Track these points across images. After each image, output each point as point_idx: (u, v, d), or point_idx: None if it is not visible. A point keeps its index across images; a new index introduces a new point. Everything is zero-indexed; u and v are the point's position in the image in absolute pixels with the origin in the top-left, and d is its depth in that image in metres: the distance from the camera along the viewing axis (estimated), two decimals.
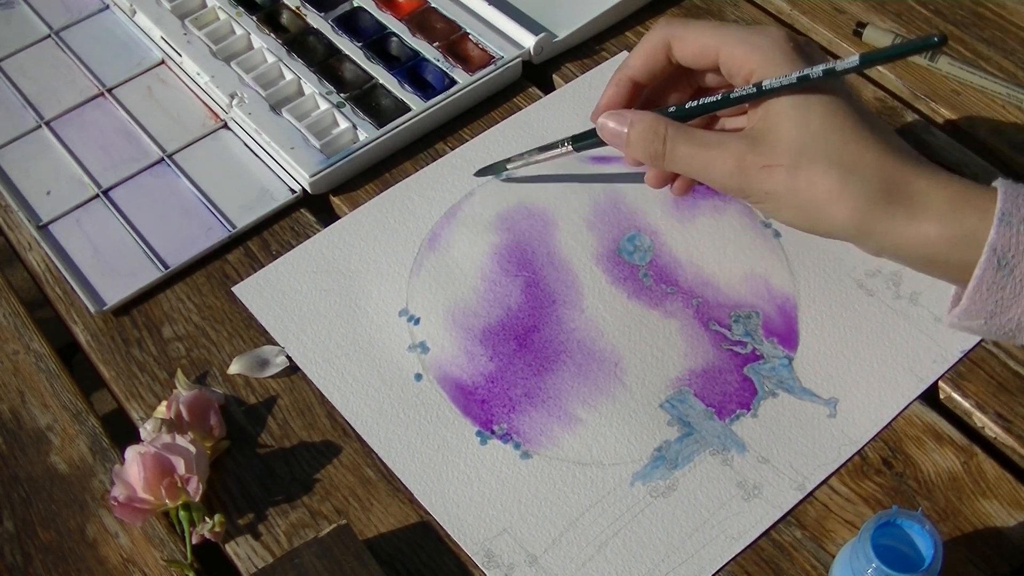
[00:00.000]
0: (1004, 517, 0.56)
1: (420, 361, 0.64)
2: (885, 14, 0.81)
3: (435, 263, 0.68)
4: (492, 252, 0.68)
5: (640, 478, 0.59)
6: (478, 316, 0.65)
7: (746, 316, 0.65)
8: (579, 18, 0.79)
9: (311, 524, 0.58)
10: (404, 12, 0.81)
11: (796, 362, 0.63)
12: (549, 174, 0.72)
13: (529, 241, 0.69)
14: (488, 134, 0.75)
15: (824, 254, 0.67)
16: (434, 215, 0.71)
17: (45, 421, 0.63)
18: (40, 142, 0.77)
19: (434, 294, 0.67)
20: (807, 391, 0.61)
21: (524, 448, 0.60)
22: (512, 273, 0.67)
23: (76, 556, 0.58)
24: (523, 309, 0.66)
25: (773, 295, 0.66)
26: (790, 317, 0.64)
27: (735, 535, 0.57)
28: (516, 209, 0.70)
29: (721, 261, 0.67)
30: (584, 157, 0.73)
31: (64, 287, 0.69)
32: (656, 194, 0.70)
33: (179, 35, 0.80)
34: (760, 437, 0.60)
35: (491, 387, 0.63)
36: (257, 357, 0.64)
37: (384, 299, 0.67)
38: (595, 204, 0.70)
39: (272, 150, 0.74)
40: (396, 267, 0.68)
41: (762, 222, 0.69)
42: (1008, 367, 0.62)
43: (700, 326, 0.64)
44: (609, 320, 0.65)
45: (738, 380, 0.62)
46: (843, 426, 0.60)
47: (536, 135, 0.74)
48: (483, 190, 0.71)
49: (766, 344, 0.63)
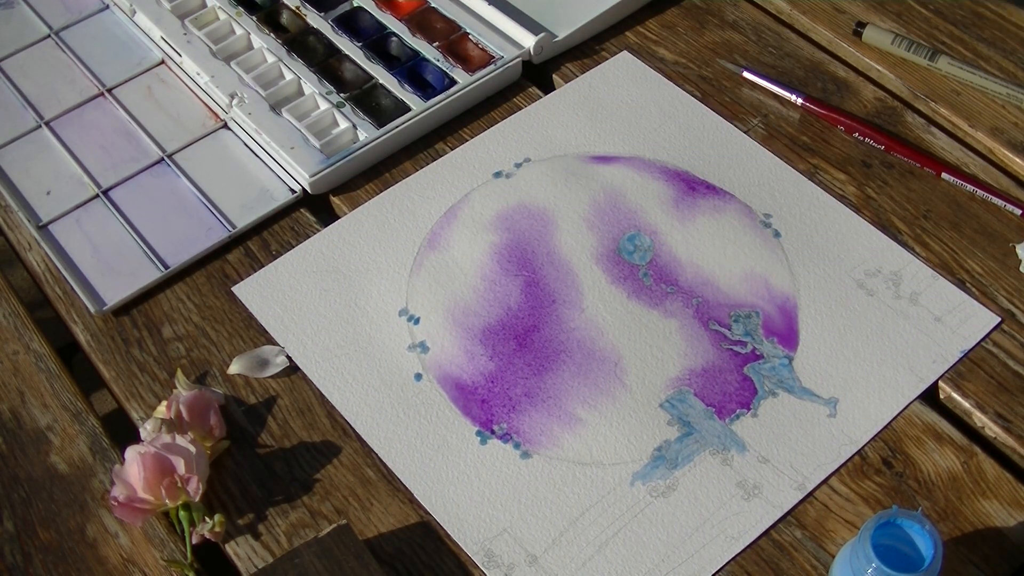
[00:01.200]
0: (1004, 517, 0.56)
1: (420, 361, 0.64)
2: (885, 14, 0.81)
3: (435, 263, 0.68)
4: (492, 252, 0.68)
5: (640, 478, 0.59)
6: (478, 316, 0.65)
7: (746, 316, 0.65)
8: (579, 18, 0.79)
9: (311, 524, 0.58)
10: (404, 12, 0.81)
11: (796, 362, 0.63)
12: (549, 174, 0.72)
13: (529, 241, 0.69)
14: (487, 134, 0.75)
15: (824, 254, 0.67)
16: (434, 215, 0.71)
17: (45, 421, 0.63)
18: (40, 142, 0.77)
19: (434, 294, 0.67)
20: (807, 391, 0.61)
21: (524, 448, 0.60)
22: (512, 273, 0.67)
23: (76, 556, 0.58)
24: (523, 309, 0.66)
25: (773, 295, 0.66)
26: (790, 317, 0.64)
27: (735, 535, 0.56)
28: (516, 209, 0.70)
29: (721, 261, 0.67)
30: (585, 156, 0.73)
31: (64, 287, 0.69)
32: (656, 194, 0.70)
33: (179, 35, 0.80)
34: (760, 437, 0.60)
35: (491, 387, 0.63)
36: (257, 357, 0.64)
37: (384, 299, 0.67)
38: (595, 204, 0.70)
39: (272, 150, 0.74)
40: (396, 267, 0.68)
41: (762, 222, 0.69)
42: (1008, 367, 0.62)
43: (700, 326, 0.64)
44: (609, 320, 0.65)
45: (738, 380, 0.62)
46: (843, 426, 0.60)
47: (536, 135, 0.74)
48: (482, 190, 0.71)
49: (766, 344, 0.63)
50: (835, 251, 0.67)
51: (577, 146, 0.73)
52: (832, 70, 0.78)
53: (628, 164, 0.72)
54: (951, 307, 0.64)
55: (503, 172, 0.72)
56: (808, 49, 0.79)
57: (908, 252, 0.67)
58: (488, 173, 0.72)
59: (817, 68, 0.78)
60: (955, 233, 0.68)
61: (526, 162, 0.73)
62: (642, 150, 0.73)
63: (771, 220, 0.69)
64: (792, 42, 0.80)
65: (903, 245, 0.67)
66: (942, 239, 0.68)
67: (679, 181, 0.71)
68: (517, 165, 0.73)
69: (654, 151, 0.73)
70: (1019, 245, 0.67)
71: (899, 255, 0.67)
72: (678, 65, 0.78)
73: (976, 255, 0.67)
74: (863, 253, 0.67)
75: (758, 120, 0.75)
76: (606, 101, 0.76)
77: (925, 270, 0.66)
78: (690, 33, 0.80)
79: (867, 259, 0.66)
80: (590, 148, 0.73)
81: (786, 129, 0.74)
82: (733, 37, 0.80)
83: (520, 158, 0.73)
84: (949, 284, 0.65)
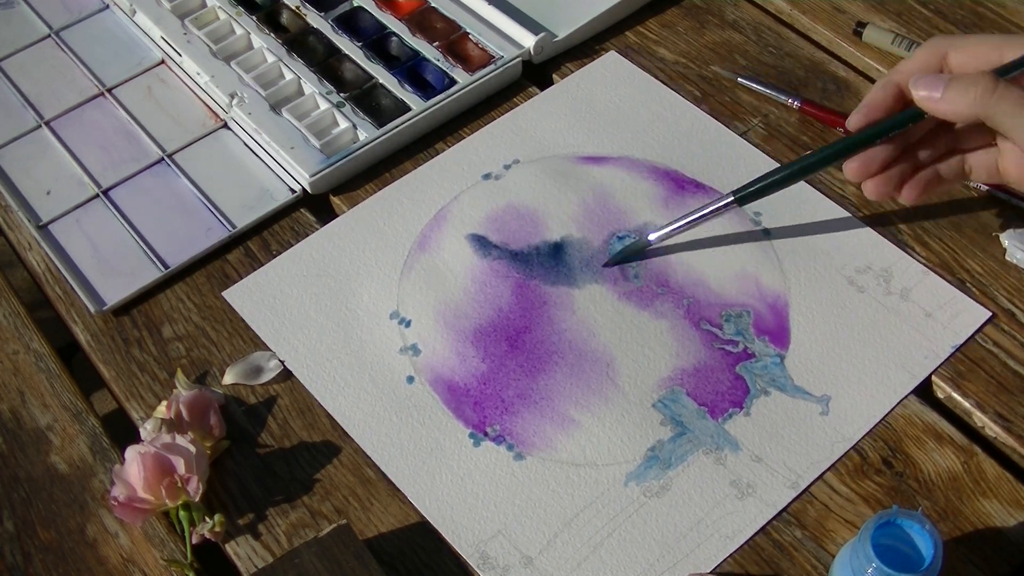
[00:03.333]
0: (1004, 517, 0.56)
1: (412, 363, 0.64)
2: (885, 14, 0.81)
3: (425, 265, 0.68)
4: (482, 253, 0.68)
5: (634, 478, 0.59)
6: (469, 317, 0.65)
7: (737, 315, 0.65)
8: (579, 18, 0.79)
9: (311, 524, 0.58)
10: (404, 12, 0.81)
11: (788, 360, 0.63)
12: (538, 175, 0.72)
13: (518, 242, 0.69)
14: (476, 136, 0.74)
15: (814, 251, 0.67)
16: (423, 217, 0.70)
17: (45, 421, 0.63)
18: (40, 142, 0.77)
19: (425, 296, 0.66)
20: (799, 389, 0.61)
21: (518, 450, 0.60)
22: (502, 274, 0.67)
23: (76, 556, 0.58)
24: (514, 310, 0.66)
25: (764, 293, 0.66)
26: (781, 315, 0.65)
27: (729, 534, 0.57)
28: (505, 210, 0.70)
29: (712, 260, 0.67)
30: (574, 157, 0.73)
31: (64, 287, 0.69)
32: (645, 194, 0.70)
33: (179, 35, 0.80)
34: (753, 436, 0.60)
35: (483, 388, 0.63)
36: (250, 364, 0.64)
37: (375, 302, 0.67)
38: (584, 204, 0.70)
39: (272, 150, 0.74)
40: (386, 270, 0.68)
41: (752, 220, 0.69)
42: (1008, 367, 0.62)
43: (691, 326, 0.64)
44: (600, 321, 0.65)
45: (730, 379, 0.62)
46: (836, 423, 0.60)
47: (524, 136, 0.74)
48: (471, 192, 0.71)
49: (757, 342, 0.63)
50: (825, 248, 0.67)
51: (566, 147, 0.73)
52: (832, 70, 0.78)
53: (617, 164, 0.72)
54: (942, 302, 0.64)
55: (492, 174, 0.72)
56: (808, 49, 0.79)
57: (899, 248, 0.67)
58: (477, 175, 0.72)
59: (817, 68, 0.78)
60: (955, 233, 0.68)
61: (515, 163, 0.73)
62: (631, 150, 0.73)
63: (761, 218, 0.69)
64: (792, 42, 0.80)
65: (901, 244, 0.67)
66: (942, 238, 0.68)
67: (668, 180, 0.71)
68: (506, 167, 0.73)
69: (643, 150, 0.73)
70: (1003, 234, 0.67)
71: (890, 251, 0.67)
72: (678, 65, 0.78)
73: (976, 255, 0.67)
74: (853, 250, 0.67)
75: (758, 120, 0.75)
76: (594, 101, 0.76)
77: (915, 266, 0.66)
78: (690, 33, 0.80)
79: (857, 256, 0.67)
80: (579, 148, 0.73)
81: (786, 129, 0.74)
82: (733, 37, 0.80)
83: (509, 159, 0.73)
84: (939, 279, 0.65)
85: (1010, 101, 0.55)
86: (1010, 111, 0.56)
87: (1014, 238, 0.67)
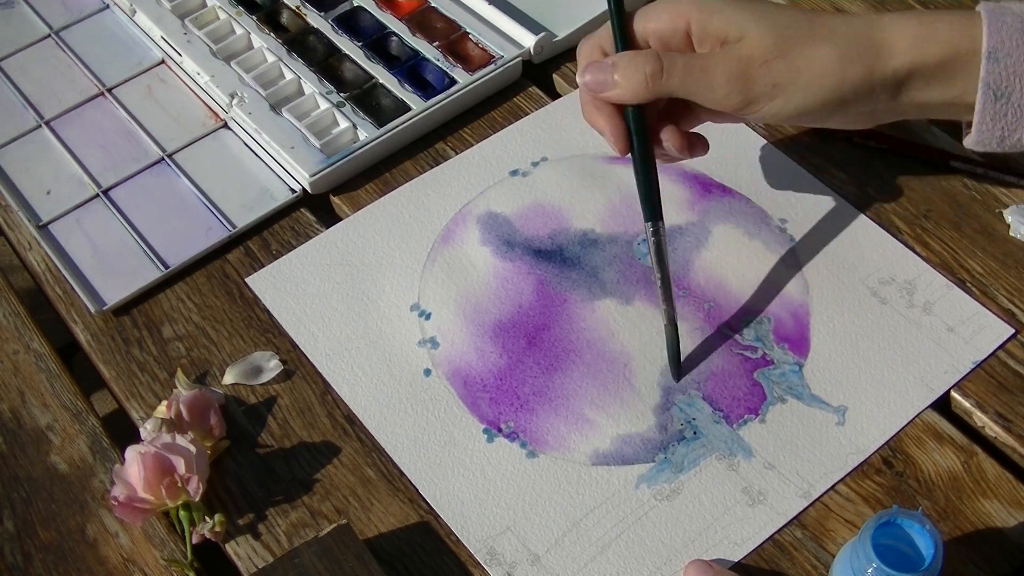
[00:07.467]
0: (1004, 517, 0.56)
1: (430, 356, 0.64)
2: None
3: (448, 259, 0.68)
4: (505, 249, 0.68)
5: (645, 481, 0.59)
6: (489, 313, 0.65)
7: (757, 321, 0.64)
8: (579, 18, 0.79)
9: (311, 524, 0.58)
10: (404, 12, 0.81)
11: (806, 368, 0.62)
12: (565, 173, 0.72)
13: (542, 240, 0.69)
14: (505, 132, 0.74)
15: (839, 260, 0.67)
16: (448, 212, 0.71)
17: (45, 421, 0.63)
18: (40, 142, 0.77)
19: (446, 290, 0.67)
20: (816, 398, 0.61)
21: (530, 447, 0.60)
22: (524, 271, 0.67)
23: (76, 556, 0.58)
24: (534, 307, 0.66)
25: (785, 300, 0.65)
26: (802, 323, 0.64)
27: (738, 541, 0.56)
28: (531, 208, 0.70)
29: (734, 265, 0.67)
30: (602, 156, 0.72)
31: (64, 287, 0.69)
32: (671, 196, 0.70)
33: (179, 35, 0.80)
34: (767, 443, 0.60)
35: (500, 384, 0.63)
36: (250, 365, 0.64)
37: (396, 293, 0.67)
38: (610, 204, 0.70)
39: (272, 150, 0.74)
40: (409, 262, 0.68)
41: (778, 227, 0.69)
42: (1008, 367, 0.62)
43: (711, 330, 0.64)
44: (620, 321, 0.65)
45: (747, 385, 0.62)
46: (851, 434, 0.60)
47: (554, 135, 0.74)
48: (498, 188, 0.71)
49: (777, 350, 0.63)
50: (850, 258, 0.67)
51: (594, 146, 0.73)
52: None
53: None
54: (965, 317, 0.64)
55: (520, 170, 0.72)
56: None
57: (923, 262, 0.66)
58: (505, 171, 0.72)
59: None
60: (955, 233, 0.68)
61: (543, 161, 0.73)
62: None
63: (787, 225, 0.69)
64: None
65: (904, 246, 0.67)
66: (942, 239, 0.68)
67: (695, 183, 0.71)
68: (534, 164, 0.73)
69: None
70: (1006, 210, 0.67)
71: (914, 263, 0.66)
72: None
73: (976, 255, 0.67)
74: (878, 261, 0.66)
75: None
76: None
77: (939, 279, 0.65)
78: None
79: (882, 267, 0.66)
80: (607, 148, 0.73)
81: (787, 129, 0.74)
82: None
83: (537, 157, 0.73)
84: (963, 294, 0.65)
85: (680, 65, 0.58)
86: (680, 80, 0.58)
87: (1018, 213, 0.66)
